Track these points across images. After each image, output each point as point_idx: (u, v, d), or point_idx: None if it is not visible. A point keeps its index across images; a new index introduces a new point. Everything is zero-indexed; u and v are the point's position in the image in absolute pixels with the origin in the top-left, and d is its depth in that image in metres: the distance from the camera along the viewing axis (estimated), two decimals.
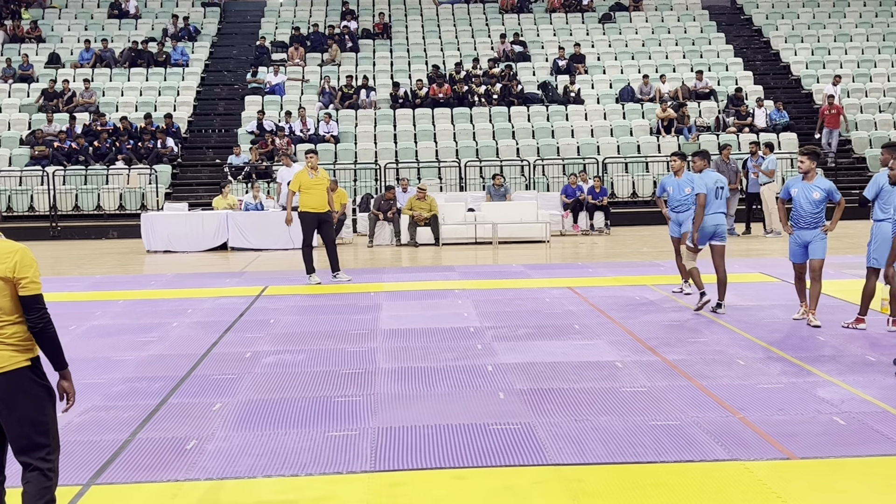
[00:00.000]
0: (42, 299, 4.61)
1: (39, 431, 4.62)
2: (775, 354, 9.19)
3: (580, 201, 23.15)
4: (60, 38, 32.61)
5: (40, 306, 4.59)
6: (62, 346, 4.72)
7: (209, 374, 8.97)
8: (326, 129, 27.20)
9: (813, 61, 31.39)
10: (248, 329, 11.19)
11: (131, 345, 10.39)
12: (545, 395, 7.94)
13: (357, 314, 12.04)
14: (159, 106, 28.62)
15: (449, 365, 9.15)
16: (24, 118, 27.96)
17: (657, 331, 10.58)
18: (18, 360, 4.57)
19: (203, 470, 6.27)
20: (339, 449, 6.63)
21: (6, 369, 4.55)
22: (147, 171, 25.26)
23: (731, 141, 26.18)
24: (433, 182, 25.17)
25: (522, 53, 31.64)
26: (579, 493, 5.74)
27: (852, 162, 27.13)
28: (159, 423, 7.39)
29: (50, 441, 4.65)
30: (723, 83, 29.91)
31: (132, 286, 15.24)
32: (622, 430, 6.91)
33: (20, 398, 4.57)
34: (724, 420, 7.13)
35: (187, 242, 20.70)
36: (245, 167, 25.32)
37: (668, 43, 32.61)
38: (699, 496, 5.65)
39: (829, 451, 6.40)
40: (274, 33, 33.20)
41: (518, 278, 15.12)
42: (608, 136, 27.37)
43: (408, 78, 30.43)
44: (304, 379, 8.73)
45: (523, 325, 11.12)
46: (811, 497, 5.62)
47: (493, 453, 6.46)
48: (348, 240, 22.11)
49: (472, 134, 27.52)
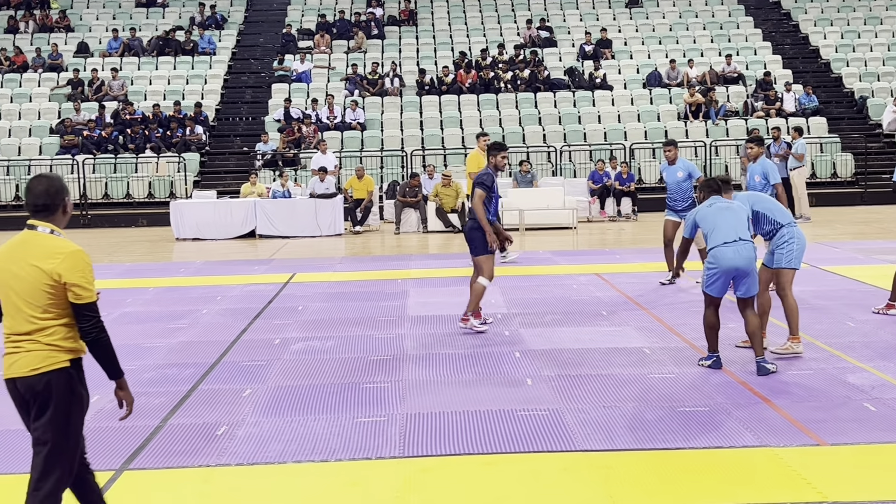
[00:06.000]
0: (94, 307, 4.39)
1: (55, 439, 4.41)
2: (805, 340, 9.14)
3: (607, 187, 23.06)
4: (89, 28, 32.82)
5: (91, 314, 4.38)
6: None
7: (239, 361, 9.04)
8: (353, 116, 27.22)
9: (842, 45, 31.05)
10: (276, 316, 11.25)
11: (162, 332, 10.48)
12: (573, 382, 7.95)
13: (385, 301, 12.08)
14: (187, 94, 28.75)
15: (476, 351, 9.17)
16: (53, 107, 28.18)
17: (685, 317, 10.55)
18: (57, 360, 4.41)
19: (234, 455, 6.33)
20: (368, 435, 6.67)
21: (43, 370, 4.39)
22: (176, 160, 25.41)
23: (760, 126, 25.97)
24: (459, 169, 25.12)
25: (549, 39, 31.50)
26: (608, 479, 5.75)
27: (882, 146, 26.86)
28: (190, 410, 7.46)
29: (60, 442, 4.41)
30: (751, 67, 29.65)
31: (162, 274, 15.36)
32: (650, 417, 6.91)
33: (53, 400, 4.39)
34: (753, 406, 7.11)
35: (216, 230, 20.82)
36: (272, 154, 25.41)
37: (695, 27, 32.36)
38: (728, 482, 5.65)
39: (859, 438, 6.37)
40: (300, 21, 33.24)
41: (545, 265, 15.11)
42: (635, 122, 27.22)
43: (434, 65, 30.38)
44: (332, 365, 8.78)
45: (550, 311, 11.12)
46: (841, 484, 5.59)
47: (521, 439, 6.48)
48: (375, 227, 22.16)
49: (499, 120, 27.45)
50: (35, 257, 4.38)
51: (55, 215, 4.50)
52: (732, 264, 7.92)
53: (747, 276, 8.01)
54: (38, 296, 4.37)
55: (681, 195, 12.80)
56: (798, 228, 8.67)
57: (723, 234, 7.99)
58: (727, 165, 25.17)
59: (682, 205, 12.75)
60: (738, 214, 8.14)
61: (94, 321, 4.39)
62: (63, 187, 4.53)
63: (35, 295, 4.37)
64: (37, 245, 4.41)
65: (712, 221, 8.11)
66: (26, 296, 4.38)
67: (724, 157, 25.41)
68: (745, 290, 8.09)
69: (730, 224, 8.02)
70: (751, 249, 8.00)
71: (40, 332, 4.39)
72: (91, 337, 4.40)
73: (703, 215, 8.23)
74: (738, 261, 7.92)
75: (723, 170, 25.25)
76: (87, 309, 4.38)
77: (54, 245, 4.40)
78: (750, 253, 7.98)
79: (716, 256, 7.98)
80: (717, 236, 8.02)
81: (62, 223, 4.54)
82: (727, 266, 7.94)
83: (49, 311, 4.38)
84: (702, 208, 8.31)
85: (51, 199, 4.47)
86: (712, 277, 8.04)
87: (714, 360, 8.27)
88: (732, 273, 7.99)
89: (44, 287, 4.36)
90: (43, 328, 4.39)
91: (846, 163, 25.65)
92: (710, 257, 8.05)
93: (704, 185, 8.47)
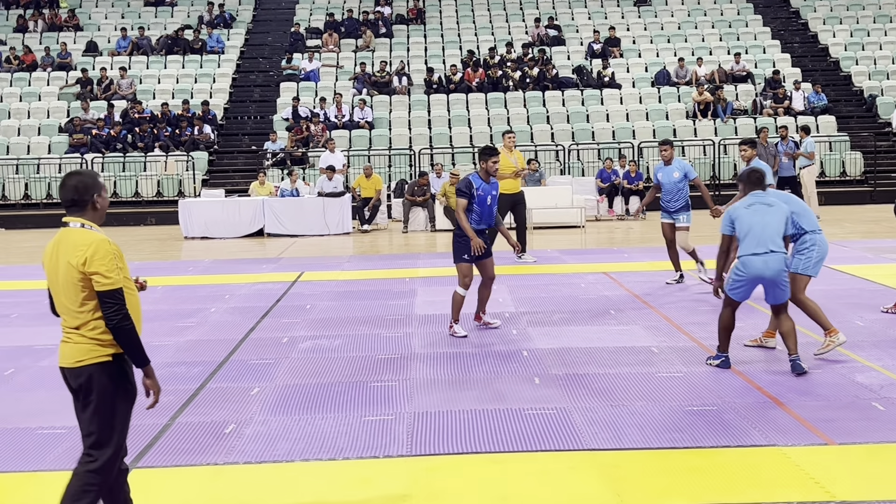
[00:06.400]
0: (115, 295, 4.45)
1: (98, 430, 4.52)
2: (813, 339, 9.11)
3: (615, 186, 23.04)
4: (98, 27, 32.91)
5: (112, 302, 4.44)
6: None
7: (247, 359, 9.05)
8: (361, 115, 27.24)
9: (852, 43, 30.96)
10: (284, 314, 11.27)
11: (170, 330, 10.50)
12: (581, 381, 7.95)
13: (392, 300, 12.09)
14: (195, 93, 28.80)
15: (484, 350, 9.17)
16: (62, 106, 28.25)
17: (694, 316, 10.53)
18: (99, 354, 4.50)
19: (241, 454, 6.34)
20: (375, 433, 6.68)
21: (86, 363, 4.49)
22: (184, 158, 25.47)
23: (769, 124, 25.92)
24: (467, 167, 25.13)
25: (557, 37, 31.48)
26: (615, 478, 5.74)
27: (892, 145, 26.78)
28: (198, 408, 7.48)
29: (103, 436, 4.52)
30: (760, 66, 29.59)
31: (171, 272, 15.39)
32: (658, 416, 6.91)
33: (95, 393, 4.50)
34: (761, 405, 7.10)
35: (224, 229, 20.87)
36: (280, 153, 25.44)
37: (704, 25, 32.30)
38: (736, 481, 5.64)
39: (867, 437, 6.36)
40: (308, 20, 33.28)
41: (553, 263, 15.10)
42: (644, 120, 27.19)
43: (442, 63, 30.39)
44: (340, 364, 8.79)
45: (558, 310, 11.11)
46: (849, 483, 5.58)
47: (528, 438, 6.48)
48: (383, 225, 22.17)
49: (507, 119, 27.44)
50: (66, 253, 4.50)
51: (85, 211, 4.60)
52: (760, 274, 7.84)
53: (775, 285, 7.93)
54: (74, 290, 4.49)
55: (676, 196, 12.46)
56: (821, 236, 8.49)
57: (755, 242, 7.83)
58: (735, 164, 25.11)
59: (677, 205, 12.46)
60: (777, 217, 7.91)
61: (114, 308, 4.45)
62: (91, 184, 4.61)
63: (71, 290, 4.49)
64: (67, 241, 4.53)
65: (747, 225, 7.90)
66: (66, 292, 4.51)
67: (732, 155, 25.36)
68: (773, 297, 8.04)
69: (764, 231, 7.82)
70: (780, 261, 7.85)
71: (84, 326, 4.51)
72: (112, 324, 4.46)
73: (739, 215, 7.98)
74: (767, 272, 7.82)
75: (731, 169, 25.23)
76: (108, 296, 4.45)
77: (81, 238, 4.51)
78: (779, 265, 7.84)
79: (745, 264, 7.88)
80: (749, 244, 7.86)
81: (94, 218, 4.63)
82: (754, 275, 7.86)
83: (86, 303, 4.49)
84: (739, 207, 8.05)
85: (79, 195, 4.58)
86: (738, 283, 7.97)
87: (723, 360, 8.23)
88: (758, 282, 7.92)
89: (75, 281, 4.47)
90: (86, 322, 4.50)
91: (855, 161, 25.59)
92: (739, 263, 7.94)
93: (745, 178, 8.17)
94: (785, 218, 7.98)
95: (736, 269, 7.99)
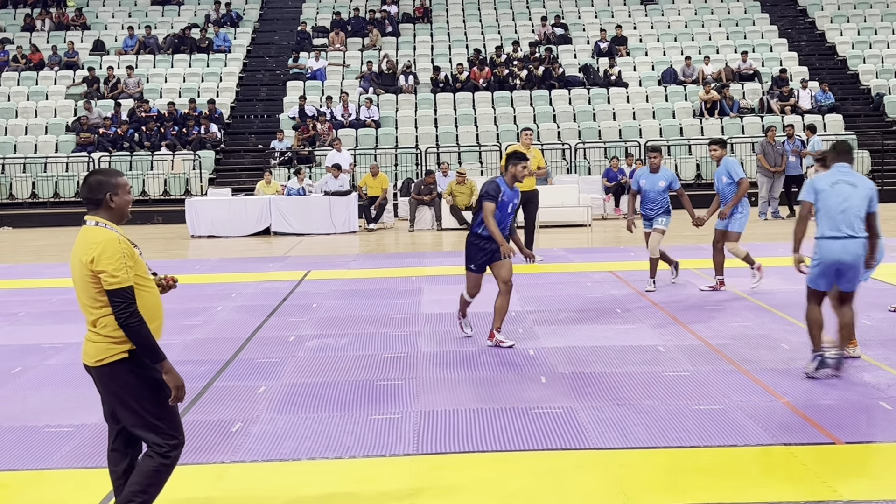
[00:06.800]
0: (123, 293, 4.46)
1: (139, 425, 4.62)
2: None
3: (622, 185, 23.02)
4: (105, 26, 32.96)
5: (119, 300, 4.45)
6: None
7: (253, 358, 9.07)
8: (367, 113, 27.25)
9: (859, 41, 30.89)
10: (291, 313, 11.28)
11: (177, 328, 10.51)
12: (587, 380, 7.94)
13: (399, 298, 12.09)
14: (202, 92, 28.84)
15: (490, 349, 9.17)
16: (69, 105, 28.31)
17: (700, 314, 10.52)
18: (115, 351, 4.54)
19: (248, 452, 6.34)
20: (382, 432, 6.68)
21: (104, 362, 4.55)
22: (191, 157, 25.50)
23: (776, 122, 25.87)
24: (474, 166, 25.14)
25: (563, 36, 31.46)
26: (622, 477, 5.74)
27: None
28: (205, 406, 7.49)
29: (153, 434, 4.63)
30: (767, 64, 29.54)
31: (177, 271, 15.32)
32: (665, 415, 6.90)
33: (120, 390, 4.58)
34: (768, 404, 7.09)
35: (231, 227, 20.90)
36: (286, 152, 25.46)
37: (711, 24, 32.25)
38: (743, 481, 5.63)
39: (874, 436, 6.35)
40: (315, 18, 33.30)
41: (560, 262, 15.09)
42: (650, 119, 27.16)
43: (448, 62, 30.39)
44: (346, 363, 8.79)
45: (565, 309, 11.11)
46: (856, 482, 5.57)
47: (535, 437, 6.48)
48: (389, 224, 22.18)
49: (513, 118, 27.43)
50: (79, 252, 4.56)
51: (100, 209, 4.64)
52: (837, 258, 7.56)
53: (852, 269, 7.64)
54: (87, 288, 4.54)
55: (657, 204, 12.05)
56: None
57: (832, 223, 7.55)
58: (742, 162, 25.04)
59: (656, 213, 12.05)
60: (859, 195, 7.59)
61: (122, 306, 4.47)
62: (105, 182, 4.65)
63: (85, 287, 4.55)
64: (81, 240, 4.59)
65: (824, 203, 7.60)
66: (81, 289, 4.58)
67: (739, 154, 25.30)
68: (847, 283, 7.73)
69: (843, 214, 7.54)
70: (859, 245, 7.59)
71: (98, 322, 4.56)
72: (121, 322, 4.48)
73: (821, 188, 7.63)
74: (845, 256, 7.54)
75: None
76: (115, 295, 4.47)
77: (93, 236, 4.55)
78: (858, 249, 7.58)
79: (821, 248, 7.60)
80: (825, 224, 7.58)
81: (110, 217, 4.65)
82: (832, 259, 7.58)
83: (99, 300, 4.53)
84: (822, 180, 7.70)
85: (92, 193, 4.63)
86: (817, 269, 7.67)
87: (819, 360, 7.72)
88: (837, 266, 7.62)
89: (87, 279, 4.52)
90: (99, 318, 4.55)
91: (862, 160, 25.51)
92: (815, 247, 7.66)
93: (833, 149, 7.89)
94: (868, 198, 7.67)
95: (813, 256, 7.69)
